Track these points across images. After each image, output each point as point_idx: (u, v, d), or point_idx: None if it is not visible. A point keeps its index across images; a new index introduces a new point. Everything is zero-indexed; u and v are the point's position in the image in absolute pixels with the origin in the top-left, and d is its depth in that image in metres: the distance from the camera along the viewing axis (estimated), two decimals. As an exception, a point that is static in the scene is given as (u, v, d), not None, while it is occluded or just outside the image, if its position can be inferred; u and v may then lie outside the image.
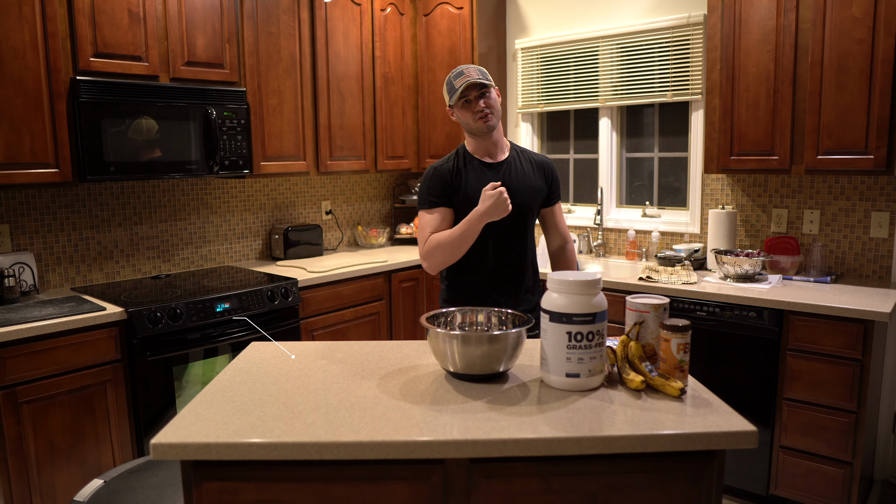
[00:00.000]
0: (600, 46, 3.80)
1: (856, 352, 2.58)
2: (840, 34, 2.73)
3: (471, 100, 2.14)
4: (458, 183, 2.20)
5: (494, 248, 2.21)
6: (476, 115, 2.14)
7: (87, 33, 2.71)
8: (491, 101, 2.16)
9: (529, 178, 2.26)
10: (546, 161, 2.34)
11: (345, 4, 3.74)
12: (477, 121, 2.15)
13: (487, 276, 2.23)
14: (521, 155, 2.30)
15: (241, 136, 3.19)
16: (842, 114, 2.76)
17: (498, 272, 2.23)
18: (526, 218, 2.25)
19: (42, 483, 2.45)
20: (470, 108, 2.15)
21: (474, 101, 2.14)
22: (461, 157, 2.25)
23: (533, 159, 2.32)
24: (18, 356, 2.35)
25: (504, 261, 2.23)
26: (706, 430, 1.33)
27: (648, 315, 1.59)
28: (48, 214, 3.00)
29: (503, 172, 2.23)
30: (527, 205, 2.24)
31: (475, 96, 2.14)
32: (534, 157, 2.33)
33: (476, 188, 2.18)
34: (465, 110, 2.16)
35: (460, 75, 2.13)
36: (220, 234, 3.66)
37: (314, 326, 3.36)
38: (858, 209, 3.09)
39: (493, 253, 2.21)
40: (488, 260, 2.22)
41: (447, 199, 2.20)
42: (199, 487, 1.33)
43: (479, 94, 2.14)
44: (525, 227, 2.26)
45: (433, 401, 1.50)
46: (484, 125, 2.16)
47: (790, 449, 2.76)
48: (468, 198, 2.17)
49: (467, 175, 2.21)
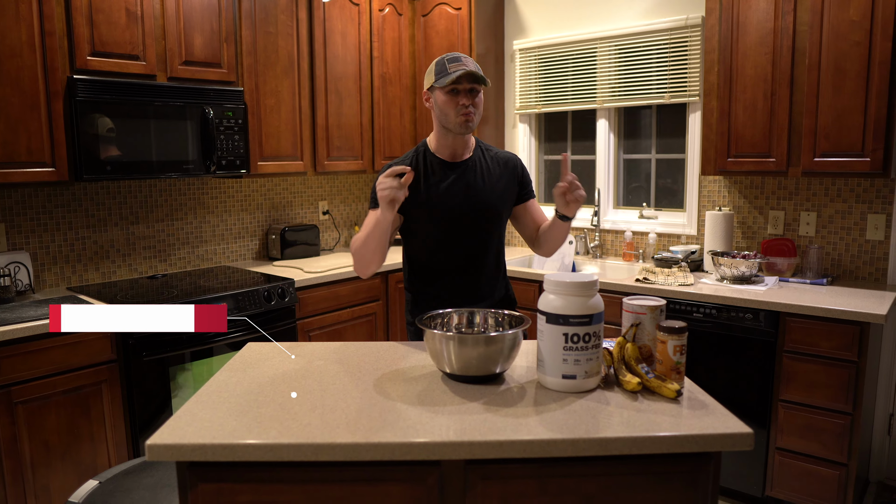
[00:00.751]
0: (598, 48, 3.80)
1: (851, 354, 2.58)
2: (837, 37, 2.73)
3: (459, 91, 1.95)
4: (414, 184, 2.02)
5: (457, 253, 2.07)
6: (459, 109, 1.96)
7: (85, 32, 2.70)
8: (478, 102, 1.99)
9: (495, 177, 2.09)
10: (512, 158, 2.17)
11: (343, 4, 3.74)
12: (458, 116, 1.96)
13: (449, 284, 2.08)
14: (486, 153, 2.13)
15: (238, 135, 3.19)
16: (839, 116, 2.77)
17: (462, 280, 2.08)
18: (492, 221, 2.09)
19: (37, 484, 2.44)
20: (456, 99, 1.96)
21: (462, 94, 1.95)
22: (420, 154, 2.08)
23: (499, 157, 2.14)
24: (13, 356, 2.35)
25: (469, 267, 2.08)
26: (702, 432, 1.33)
27: (645, 317, 1.59)
28: (44, 213, 2.99)
29: (466, 172, 2.06)
30: (493, 207, 2.07)
31: (466, 89, 1.95)
32: (500, 154, 2.16)
33: (434, 189, 2.03)
34: (449, 99, 1.96)
35: (456, 61, 1.94)
36: (217, 233, 3.66)
37: (311, 327, 3.35)
38: (855, 211, 3.09)
39: (457, 258, 2.07)
40: (452, 267, 2.07)
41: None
42: (194, 489, 1.33)
43: (470, 89, 1.96)
44: (491, 230, 2.10)
45: (430, 402, 1.49)
46: (463, 124, 1.97)
47: (786, 450, 2.76)
48: (428, 197, 2.03)
49: (426, 173, 2.05)
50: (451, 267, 2.08)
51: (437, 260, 2.08)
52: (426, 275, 2.11)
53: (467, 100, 1.96)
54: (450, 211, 2.04)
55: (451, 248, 2.07)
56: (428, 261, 2.10)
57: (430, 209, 2.03)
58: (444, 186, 2.04)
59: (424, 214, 2.04)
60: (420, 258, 2.12)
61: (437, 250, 2.08)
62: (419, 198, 2.03)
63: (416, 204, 2.03)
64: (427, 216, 2.04)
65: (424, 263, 2.11)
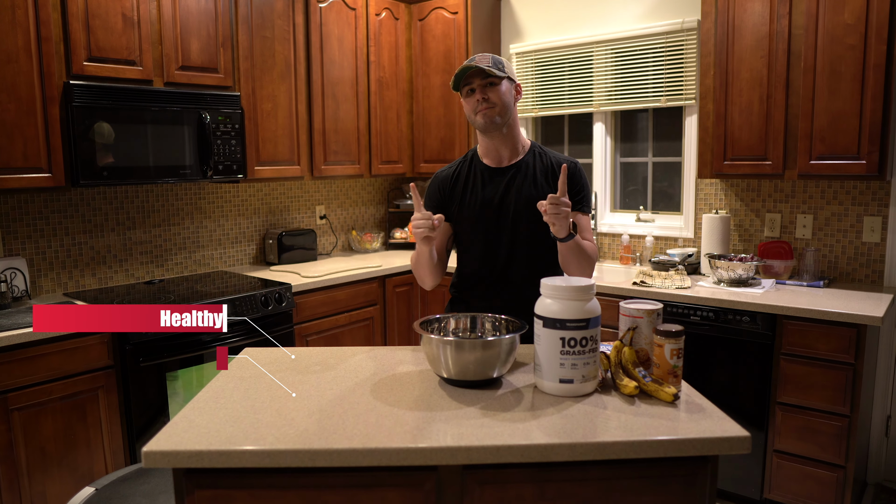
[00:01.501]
0: (595, 51, 3.81)
1: (849, 356, 2.58)
2: (832, 40, 2.74)
3: (475, 89, 1.91)
4: (457, 189, 2.02)
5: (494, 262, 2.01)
6: (476, 107, 1.91)
7: (81, 37, 2.70)
8: (496, 95, 1.89)
9: (533, 186, 1.98)
10: (560, 163, 1.98)
11: (339, 9, 3.74)
12: (476, 114, 1.92)
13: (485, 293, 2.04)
14: (539, 158, 2.02)
15: (235, 140, 3.19)
16: (834, 119, 2.78)
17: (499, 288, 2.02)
18: (524, 231, 1.97)
19: (33, 491, 2.43)
20: (472, 99, 1.92)
21: (478, 92, 1.90)
22: (468, 161, 2.07)
23: (549, 163, 2.02)
24: (10, 362, 2.34)
25: (509, 276, 2.01)
26: (700, 436, 1.33)
27: (642, 320, 1.59)
28: (41, 219, 2.98)
29: (510, 179, 1.99)
30: (521, 217, 1.97)
31: (479, 85, 1.89)
32: (553, 159, 2.03)
33: (476, 196, 2.00)
34: (466, 101, 1.94)
35: (470, 60, 1.91)
36: (214, 238, 3.65)
37: (308, 332, 3.35)
38: (851, 214, 3.10)
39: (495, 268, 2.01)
40: (489, 276, 2.02)
41: (439, 209, 2.02)
42: (191, 495, 1.33)
43: (485, 84, 1.89)
44: (529, 240, 1.97)
45: (427, 407, 1.49)
46: (483, 120, 1.91)
47: (784, 453, 2.76)
48: (468, 206, 2.00)
49: (468, 181, 2.02)
50: (487, 276, 2.03)
51: (476, 267, 2.05)
52: (466, 282, 2.09)
53: (481, 95, 1.90)
54: (486, 220, 2.00)
55: (490, 257, 2.02)
56: (469, 268, 2.08)
57: (471, 216, 2.01)
58: (485, 193, 2.01)
59: (465, 222, 2.02)
60: (462, 264, 2.11)
61: (476, 258, 2.04)
62: (462, 205, 2.02)
63: (460, 211, 2.03)
64: (468, 224, 2.02)
65: (465, 270, 2.09)
